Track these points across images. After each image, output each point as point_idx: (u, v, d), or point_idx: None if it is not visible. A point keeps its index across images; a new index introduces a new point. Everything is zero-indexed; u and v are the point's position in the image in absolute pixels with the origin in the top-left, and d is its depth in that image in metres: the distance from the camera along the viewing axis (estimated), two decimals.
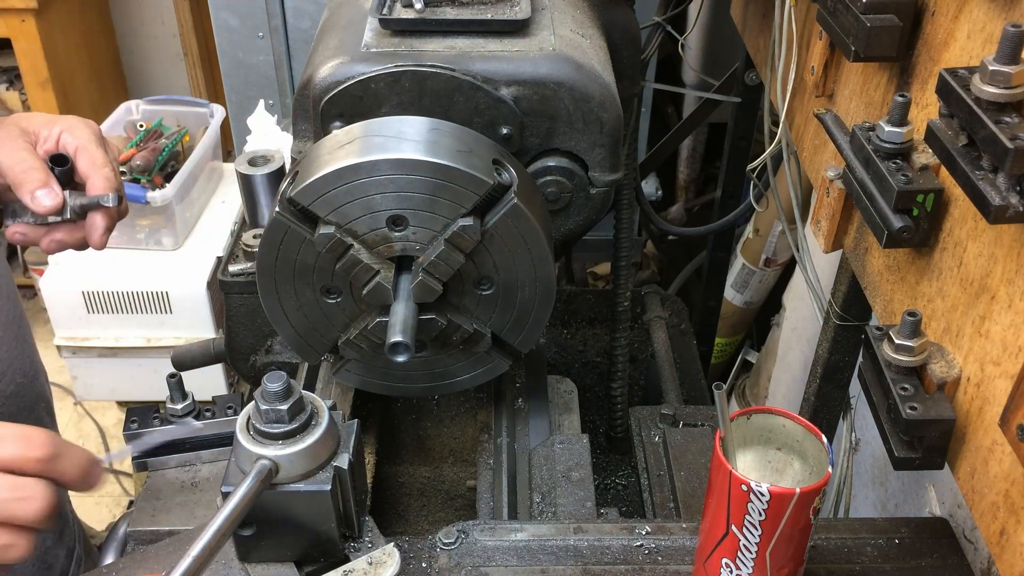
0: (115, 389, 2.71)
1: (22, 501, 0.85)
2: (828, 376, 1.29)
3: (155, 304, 2.54)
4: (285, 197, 1.03)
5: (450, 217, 1.02)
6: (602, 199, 1.19)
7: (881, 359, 0.87)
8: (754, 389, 2.41)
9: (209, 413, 1.17)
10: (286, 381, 0.87)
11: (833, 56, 1.15)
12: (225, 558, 0.94)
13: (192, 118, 2.76)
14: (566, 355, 1.90)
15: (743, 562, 0.86)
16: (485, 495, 1.21)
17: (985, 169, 0.75)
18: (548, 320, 1.14)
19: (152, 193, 2.45)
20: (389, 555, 0.93)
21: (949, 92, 0.78)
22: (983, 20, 0.85)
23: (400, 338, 1.00)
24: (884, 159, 0.89)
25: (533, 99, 1.11)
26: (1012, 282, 0.78)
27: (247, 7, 2.51)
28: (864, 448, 1.62)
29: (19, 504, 0.85)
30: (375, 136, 1.03)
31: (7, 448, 0.86)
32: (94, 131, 1.17)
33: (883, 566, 0.97)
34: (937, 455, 0.87)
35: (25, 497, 0.85)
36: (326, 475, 0.90)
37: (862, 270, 1.07)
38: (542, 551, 0.98)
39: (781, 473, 0.89)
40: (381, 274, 1.05)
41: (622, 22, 1.35)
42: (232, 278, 1.42)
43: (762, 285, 2.53)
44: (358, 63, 1.10)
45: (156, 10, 3.69)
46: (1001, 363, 0.79)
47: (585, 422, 1.53)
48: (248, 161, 1.46)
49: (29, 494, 0.86)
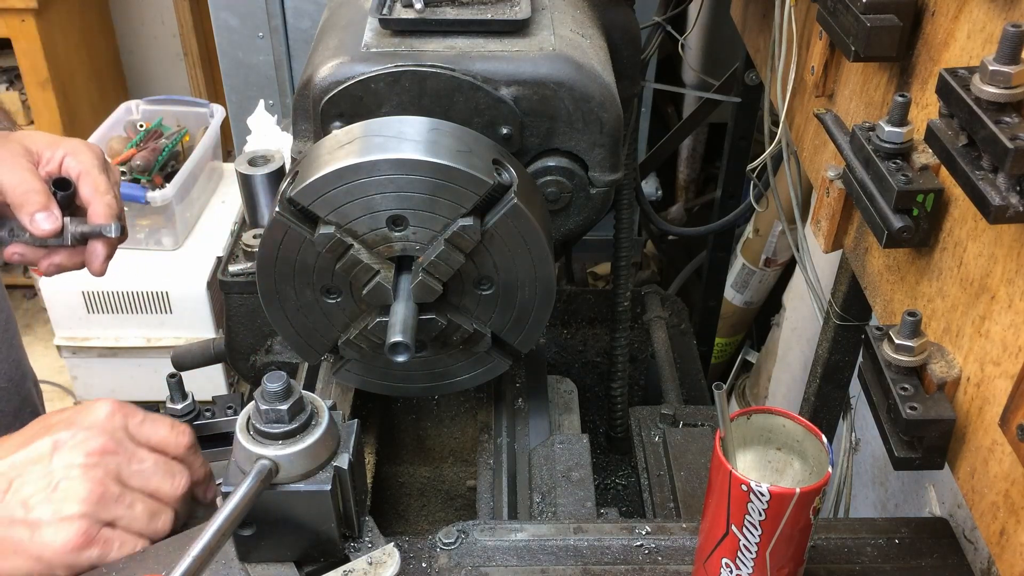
0: (115, 389, 2.71)
1: (169, 477, 0.96)
2: (828, 376, 1.29)
3: (155, 304, 2.54)
4: (285, 197, 1.03)
5: (450, 217, 1.02)
6: (602, 199, 1.19)
7: (881, 359, 0.87)
8: (754, 389, 2.41)
9: (209, 413, 1.17)
10: (286, 381, 0.87)
11: (833, 56, 1.15)
12: (225, 558, 0.94)
13: (192, 118, 2.76)
14: (566, 355, 1.90)
15: (743, 562, 0.86)
16: (485, 495, 1.21)
17: (985, 169, 0.75)
18: (548, 320, 1.14)
19: (152, 193, 2.46)
20: (389, 555, 0.93)
21: (949, 92, 0.78)
22: (983, 20, 0.85)
23: (400, 338, 1.00)
24: (884, 159, 0.89)
25: (533, 99, 1.11)
26: (1012, 282, 0.78)
27: (247, 7, 2.51)
28: (864, 448, 1.62)
29: (167, 479, 0.96)
30: (375, 136, 1.03)
31: (160, 431, 0.98)
32: (98, 156, 1.18)
33: (883, 566, 0.97)
34: (937, 455, 0.87)
35: (172, 473, 0.96)
36: (326, 475, 0.90)
37: (862, 270, 1.07)
38: (542, 551, 0.98)
39: (781, 473, 0.89)
40: (381, 274, 1.05)
41: (622, 22, 1.35)
42: (232, 278, 1.42)
43: (762, 285, 2.53)
44: (358, 63, 1.10)
45: (156, 10, 3.69)
46: (1001, 363, 0.79)
47: (585, 422, 1.53)
48: (248, 161, 1.46)
49: (175, 471, 0.97)
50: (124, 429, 0.95)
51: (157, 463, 0.96)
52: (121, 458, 0.93)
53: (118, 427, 0.95)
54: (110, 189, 1.17)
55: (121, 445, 0.94)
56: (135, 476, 0.94)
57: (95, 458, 0.92)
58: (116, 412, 0.96)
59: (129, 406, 0.98)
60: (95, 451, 0.92)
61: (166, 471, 0.96)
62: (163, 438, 0.98)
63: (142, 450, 0.96)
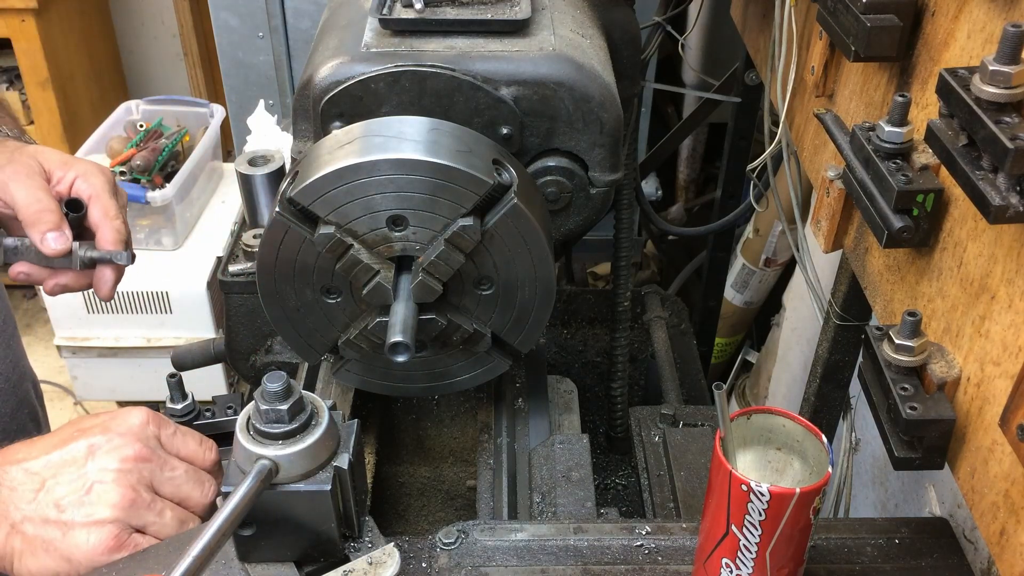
0: (115, 389, 2.71)
1: (199, 485, 0.98)
2: (828, 376, 1.29)
3: (155, 304, 2.54)
4: (285, 197, 1.03)
5: (450, 217, 1.02)
6: (602, 199, 1.19)
7: (881, 359, 0.87)
8: (754, 389, 2.41)
9: (209, 413, 1.17)
10: (286, 381, 0.87)
11: (833, 56, 1.15)
12: (225, 558, 0.94)
13: (192, 118, 2.76)
14: (566, 355, 1.90)
15: (743, 562, 0.86)
16: (485, 495, 1.21)
17: (985, 169, 0.75)
18: (548, 320, 1.14)
19: (152, 193, 2.45)
20: (389, 555, 0.93)
21: (949, 92, 0.78)
22: (983, 20, 0.85)
23: (400, 338, 1.00)
24: (884, 159, 0.89)
25: (533, 99, 1.11)
26: (1012, 282, 0.78)
27: (247, 7, 2.51)
28: (864, 448, 1.62)
29: (197, 488, 0.98)
30: (375, 136, 1.03)
31: (190, 444, 1.00)
32: (108, 179, 1.19)
33: (883, 566, 0.97)
34: (937, 455, 0.87)
35: (201, 482, 0.98)
36: (326, 475, 0.90)
37: (862, 270, 1.07)
38: (542, 551, 0.98)
39: (781, 473, 0.89)
40: (381, 274, 1.05)
41: (622, 22, 1.35)
42: (232, 278, 1.42)
43: (762, 285, 2.53)
44: (358, 63, 1.10)
45: (156, 10, 3.69)
46: (1001, 363, 0.79)
47: (585, 422, 1.53)
48: (248, 161, 1.46)
49: (205, 481, 0.99)
50: (157, 438, 0.97)
51: (188, 472, 0.97)
52: (154, 465, 0.95)
53: (152, 435, 0.97)
54: (119, 214, 1.18)
55: (155, 453, 0.96)
56: (167, 484, 0.96)
57: (129, 464, 0.93)
58: (150, 421, 0.98)
59: (162, 417, 1.00)
60: (130, 457, 0.93)
61: (196, 480, 0.98)
62: (193, 451, 1.00)
63: (173, 459, 0.97)
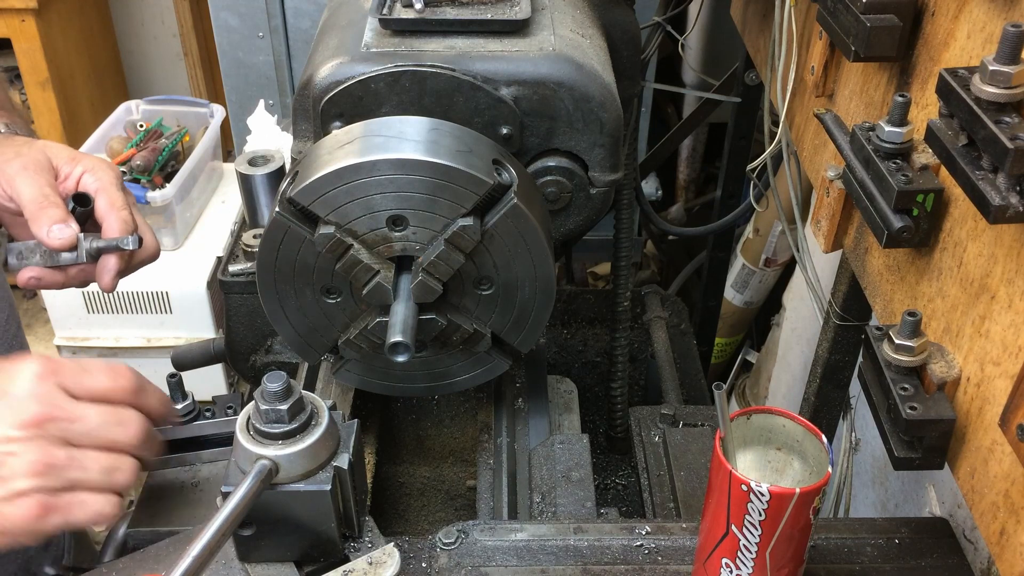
0: None
1: (120, 426, 0.92)
2: (828, 376, 1.29)
3: (155, 304, 2.53)
4: (285, 197, 1.03)
5: (450, 217, 1.02)
6: (602, 199, 1.19)
7: (881, 359, 0.87)
8: (754, 389, 2.41)
9: (209, 413, 1.17)
10: (286, 381, 0.87)
11: (833, 56, 1.15)
12: (225, 558, 0.94)
13: (192, 118, 2.76)
14: (566, 355, 1.90)
15: (743, 562, 0.86)
16: (485, 495, 1.21)
17: (985, 169, 0.75)
18: (548, 320, 1.14)
19: (152, 193, 2.45)
20: (389, 555, 0.93)
21: (949, 92, 0.78)
22: (983, 20, 0.85)
23: (400, 338, 1.00)
24: (884, 159, 0.89)
25: (533, 99, 1.11)
26: (1012, 282, 0.78)
27: (247, 7, 2.51)
28: (864, 448, 1.62)
29: (118, 428, 0.92)
30: (375, 136, 1.03)
31: (99, 380, 0.93)
32: (116, 174, 1.18)
33: (883, 566, 0.97)
34: (937, 455, 0.87)
35: (122, 422, 0.93)
36: (326, 475, 0.90)
37: (862, 270, 1.07)
38: (542, 551, 0.98)
39: (781, 473, 0.89)
40: (381, 274, 1.05)
41: (622, 22, 1.35)
42: (232, 278, 1.42)
43: (762, 285, 2.53)
44: (358, 63, 1.10)
45: (156, 10, 3.69)
46: (1001, 363, 0.79)
47: (585, 422, 1.53)
48: (248, 161, 1.46)
49: (125, 419, 0.93)
50: (59, 388, 0.90)
51: (102, 415, 0.91)
52: (62, 421, 0.89)
53: (52, 388, 0.90)
54: (126, 206, 1.16)
55: (57, 408, 0.89)
56: (82, 436, 0.90)
57: (31, 430, 0.87)
58: (46, 374, 0.90)
59: (60, 361, 0.93)
60: (30, 421, 0.88)
61: (115, 421, 0.92)
62: (105, 387, 0.93)
63: (83, 406, 0.91)
